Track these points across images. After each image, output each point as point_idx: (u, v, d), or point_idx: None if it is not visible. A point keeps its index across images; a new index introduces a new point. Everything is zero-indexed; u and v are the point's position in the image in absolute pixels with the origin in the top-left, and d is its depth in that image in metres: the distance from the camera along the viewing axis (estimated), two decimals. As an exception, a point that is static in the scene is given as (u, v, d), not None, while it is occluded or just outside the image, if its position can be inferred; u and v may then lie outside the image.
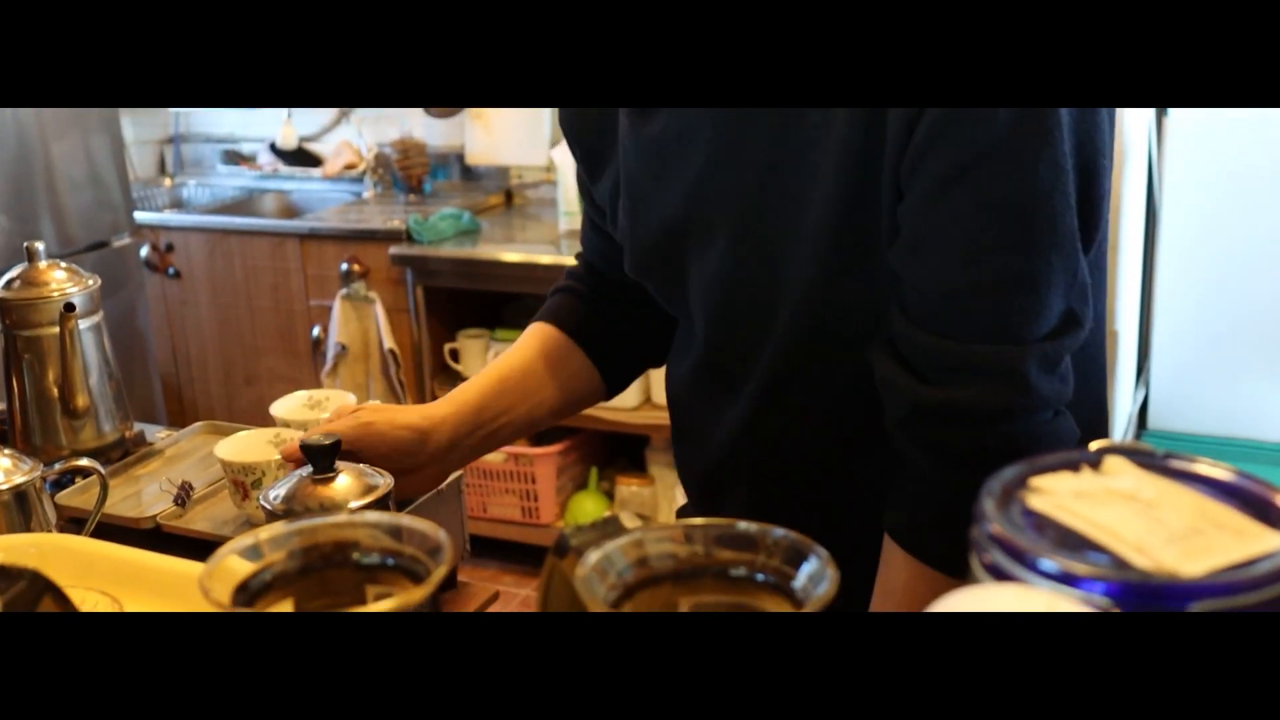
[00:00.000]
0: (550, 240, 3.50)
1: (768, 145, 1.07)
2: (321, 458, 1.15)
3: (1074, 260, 0.98)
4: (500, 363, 1.41)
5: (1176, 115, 3.20)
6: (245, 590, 0.60)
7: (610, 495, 3.52)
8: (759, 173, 1.08)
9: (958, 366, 0.99)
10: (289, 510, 1.13)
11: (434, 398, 3.62)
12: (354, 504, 1.11)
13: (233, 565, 0.60)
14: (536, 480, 3.44)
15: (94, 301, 1.70)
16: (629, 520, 3.40)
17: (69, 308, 1.63)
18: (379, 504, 1.14)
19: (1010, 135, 0.93)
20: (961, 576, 1.03)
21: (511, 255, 3.35)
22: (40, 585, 0.65)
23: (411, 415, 1.32)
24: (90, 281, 1.69)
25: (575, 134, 1.35)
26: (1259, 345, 3.93)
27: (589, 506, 3.47)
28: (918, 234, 0.99)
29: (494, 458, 3.45)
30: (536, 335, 1.44)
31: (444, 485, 1.67)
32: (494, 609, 1.41)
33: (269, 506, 1.17)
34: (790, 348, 1.12)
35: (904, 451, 1.06)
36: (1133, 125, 3.27)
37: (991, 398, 0.98)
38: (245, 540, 0.62)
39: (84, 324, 1.67)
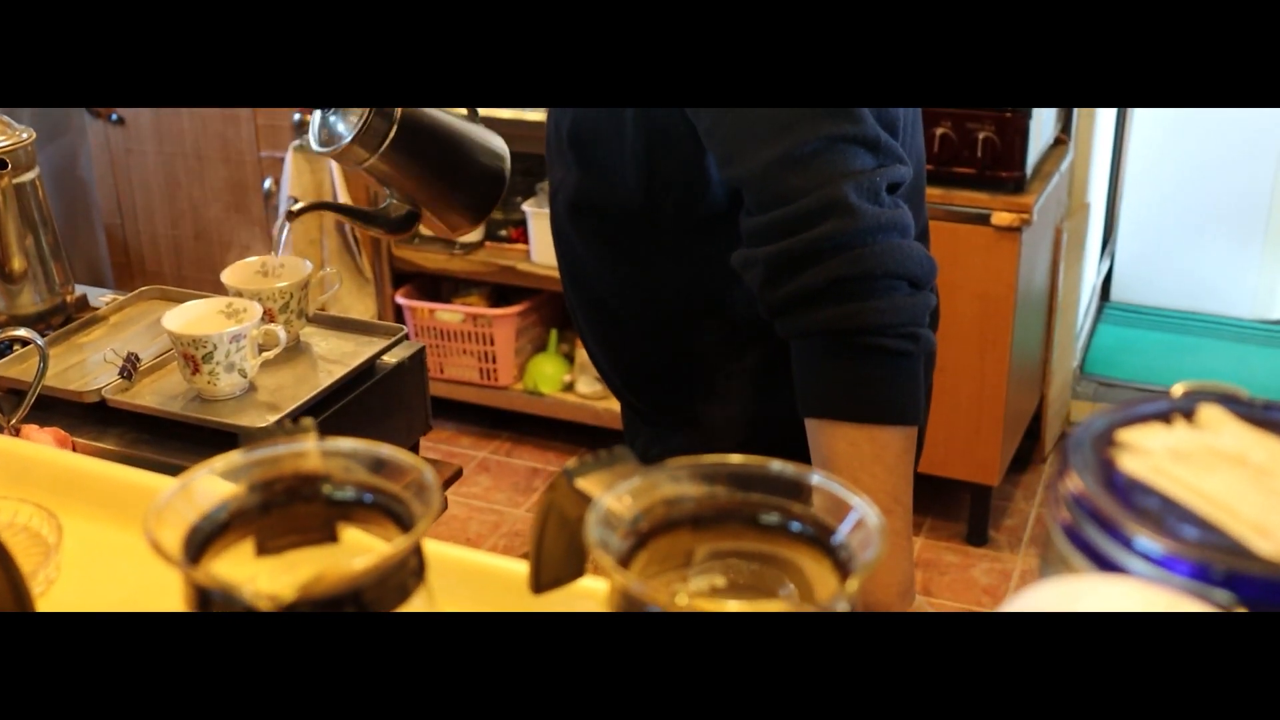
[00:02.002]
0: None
1: None
2: None
3: (868, 125, 1.09)
4: None
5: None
6: (197, 534, 0.52)
7: (570, 358, 3.45)
8: None
9: (792, 223, 1.08)
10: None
11: (390, 256, 3.52)
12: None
13: (185, 501, 0.52)
14: (495, 342, 3.36)
15: (29, 156, 1.59)
16: (587, 385, 3.34)
17: (1, 164, 1.52)
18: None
19: None
20: (894, 421, 1.08)
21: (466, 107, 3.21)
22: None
23: None
24: (24, 135, 1.58)
25: None
26: (1225, 221, 3.89)
27: (548, 369, 3.41)
28: (726, 137, 1.13)
29: (451, 318, 3.37)
30: None
31: (406, 357, 1.60)
32: (459, 483, 1.39)
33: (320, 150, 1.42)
34: (573, 151, 1.31)
35: (781, 326, 1.13)
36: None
37: (826, 230, 1.06)
38: (201, 469, 0.54)
39: (18, 181, 1.56)
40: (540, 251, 3.26)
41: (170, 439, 1.42)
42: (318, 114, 1.46)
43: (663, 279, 1.32)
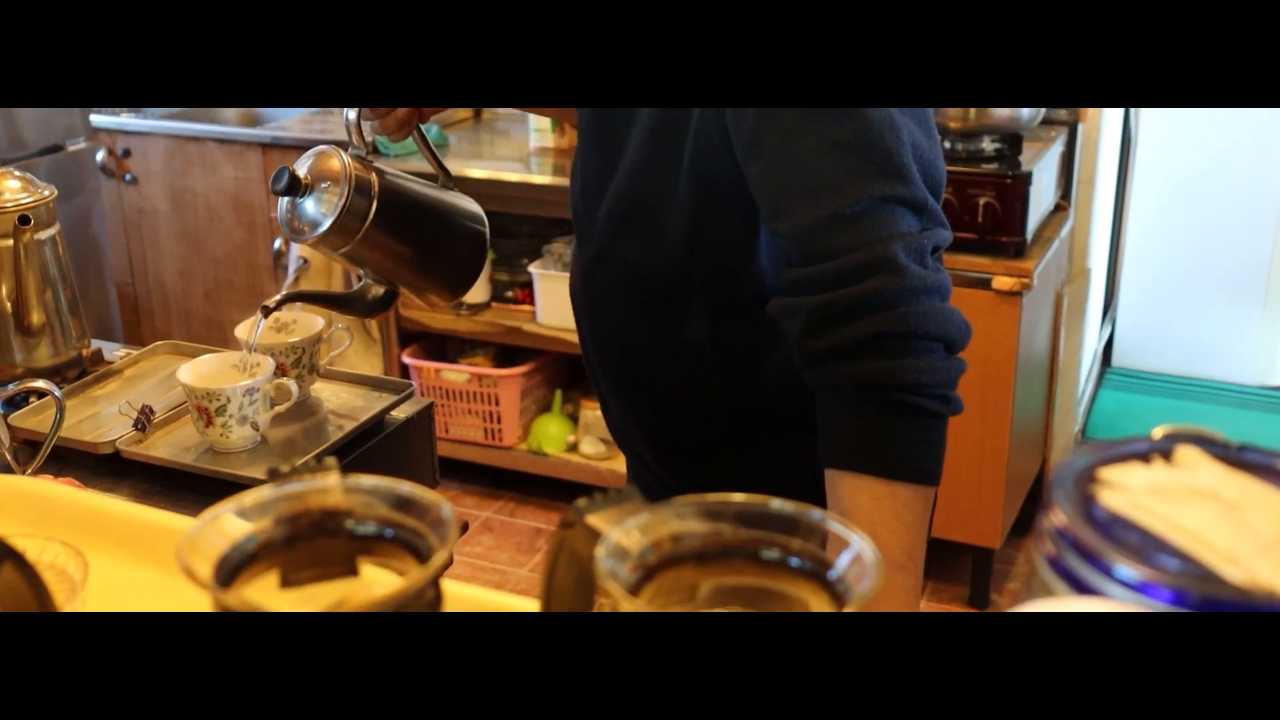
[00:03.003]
0: (519, 157, 3.42)
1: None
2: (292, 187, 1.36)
3: (918, 189, 1.11)
4: None
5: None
6: (226, 563, 0.55)
7: (574, 418, 3.48)
8: (607, 116, 1.30)
9: (839, 276, 1.10)
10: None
11: (398, 316, 3.56)
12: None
13: (216, 533, 0.55)
14: (500, 402, 3.39)
15: (50, 213, 1.63)
16: (591, 446, 3.36)
17: (24, 220, 1.56)
18: (354, 189, 1.34)
19: None
20: (919, 480, 1.10)
21: (479, 171, 3.26)
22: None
23: None
24: (46, 192, 1.62)
25: None
26: (1225, 287, 3.92)
27: (552, 429, 3.43)
28: (776, 191, 1.14)
29: (458, 378, 3.40)
30: None
31: (414, 413, 1.63)
32: (462, 542, 1.40)
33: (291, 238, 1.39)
34: (612, 218, 1.32)
35: (815, 377, 1.14)
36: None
37: (873, 287, 1.08)
38: (230, 505, 0.57)
39: (39, 237, 1.60)
40: (546, 313, 3.29)
41: (183, 490, 1.44)
42: (284, 201, 1.39)
43: (700, 349, 1.32)
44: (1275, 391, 3.96)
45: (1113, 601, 0.41)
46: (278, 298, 1.45)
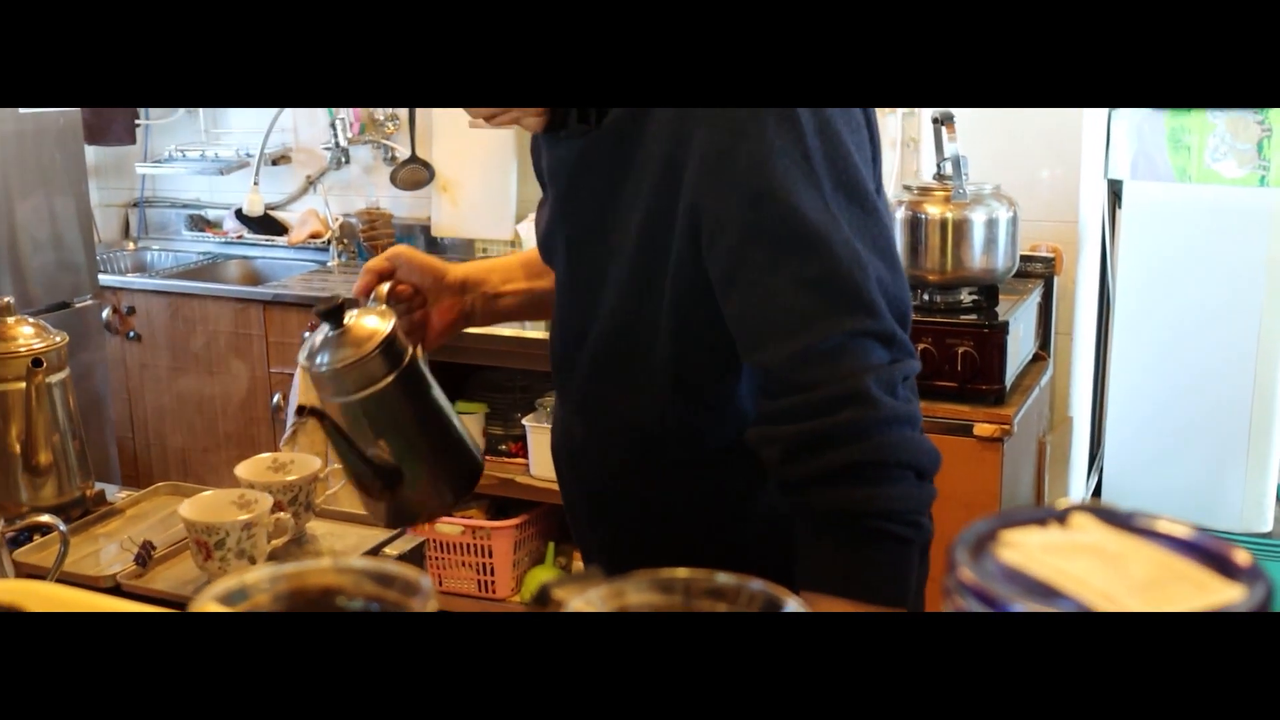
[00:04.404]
0: (513, 313, 3.51)
1: (600, 197, 1.30)
2: (334, 315, 1.35)
3: (886, 322, 1.17)
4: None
5: (1130, 206, 3.28)
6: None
7: (567, 570, 3.50)
8: (593, 212, 1.32)
9: (814, 408, 1.15)
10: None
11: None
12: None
13: (216, 609, 0.61)
14: (494, 554, 3.42)
15: (61, 358, 1.71)
16: (585, 595, 3.38)
17: (36, 363, 1.63)
18: (389, 341, 1.34)
19: (804, 228, 1.15)
20: (884, 603, 1.12)
21: (474, 328, 3.35)
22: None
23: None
24: (58, 338, 1.70)
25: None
26: (1211, 434, 3.98)
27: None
28: (751, 326, 1.20)
29: (451, 530, 3.43)
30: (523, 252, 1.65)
31: (407, 550, 1.68)
32: None
33: (306, 365, 1.37)
34: (598, 354, 1.35)
35: (792, 503, 1.19)
36: (1088, 216, 3.34)
37: (848, 417, 1.14)
38: (230, 583, 0.63)
39: (50, 380, 1.68)
40: (539, 465, 3.34)
41: (180, 622, 1.48)
42: (317, 334, 1.38)
43: (686, 493, 1.35)
44: (1263, 539, 3.99)
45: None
46: (309, 408, 1.41)
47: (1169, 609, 0.49)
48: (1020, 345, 3.03)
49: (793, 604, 0.59)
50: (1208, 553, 0.54)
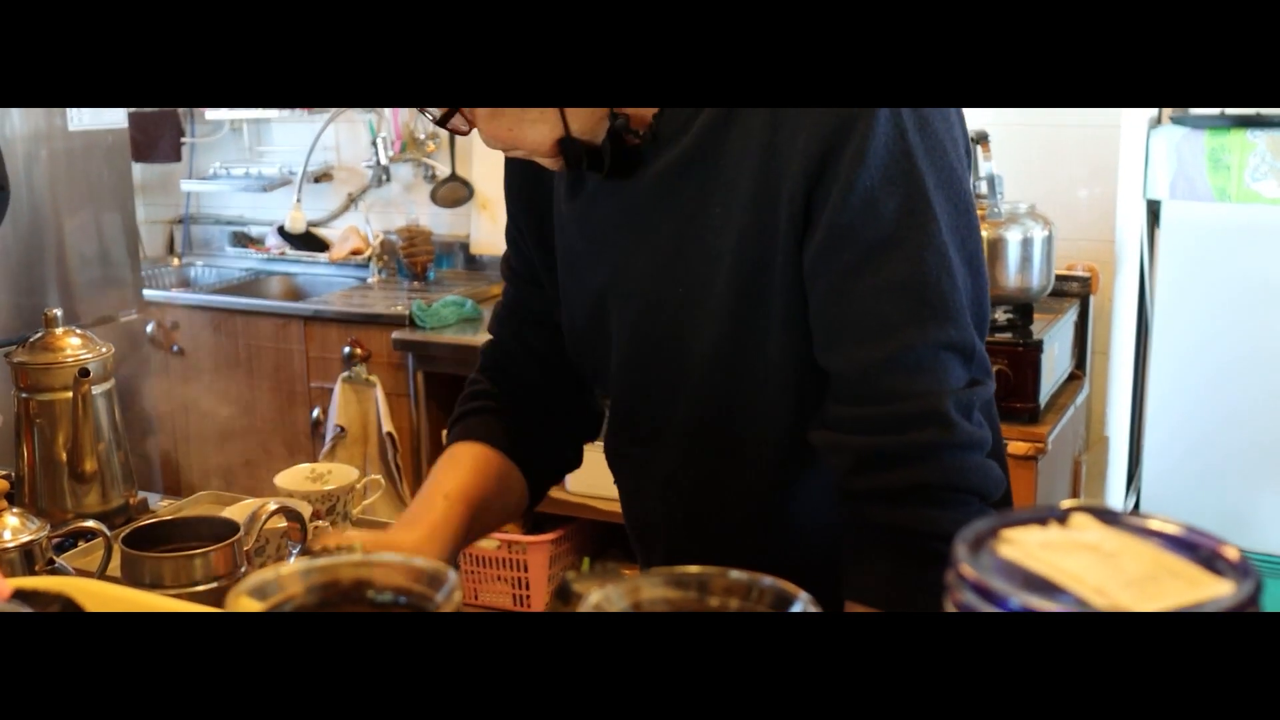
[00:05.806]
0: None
1: (674, 229, 1.23)
2: None
3: (968, 334, 1.14)
4: (465, 485, 1.43)
5: (1169, 226, 3.27)
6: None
7: (602, 584, 3.53)
8: (668, 254, 1.24)
9: (889, 423, 1.13)
10: None
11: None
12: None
13: (250, 604, 0.64)
14: (529, 568, 3.45)
15: (107, 369, 1.75)
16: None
17: (84, 373, 1.68)
18: None
19: (896, 229, 1.11)
20: None
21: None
22: (72, 610, 0.68)
23: (399, 543, 1.35)
24: (104, 349, 1.74)
25: (527, 200, 1.50)
26: (1250, 455, 3.96)
27: (580, 595, 3.48)
28: (830, 327, 1.16)
29: (487, 545, 3.46)
30: (481, 457, 1.46)
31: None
32: None
33: None
34: (696, 410, 1.27)
35: (853, 511, 1.17)
36: (1126, 234, 3.34)
37: (922, 438, 1.11)
38: (266, 575, 0.66)
39: (96, 390, 1.72)
40: (575, 480, 3.37)
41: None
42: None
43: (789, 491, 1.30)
44: (1303, 561, 3.96)
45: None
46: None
47: (1160, 603, 0.51)
48: (1055, 364, 3.03)
49: (799, 600, 0.61)
50: (1200, 550, 0.56)
